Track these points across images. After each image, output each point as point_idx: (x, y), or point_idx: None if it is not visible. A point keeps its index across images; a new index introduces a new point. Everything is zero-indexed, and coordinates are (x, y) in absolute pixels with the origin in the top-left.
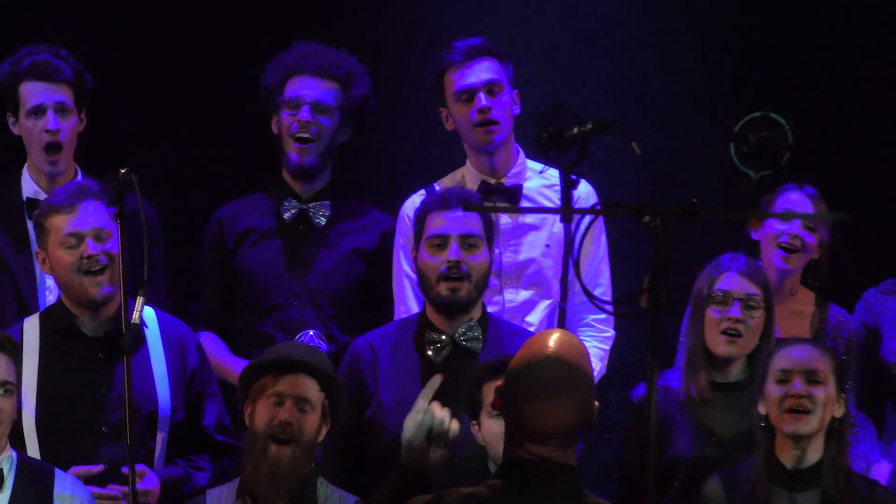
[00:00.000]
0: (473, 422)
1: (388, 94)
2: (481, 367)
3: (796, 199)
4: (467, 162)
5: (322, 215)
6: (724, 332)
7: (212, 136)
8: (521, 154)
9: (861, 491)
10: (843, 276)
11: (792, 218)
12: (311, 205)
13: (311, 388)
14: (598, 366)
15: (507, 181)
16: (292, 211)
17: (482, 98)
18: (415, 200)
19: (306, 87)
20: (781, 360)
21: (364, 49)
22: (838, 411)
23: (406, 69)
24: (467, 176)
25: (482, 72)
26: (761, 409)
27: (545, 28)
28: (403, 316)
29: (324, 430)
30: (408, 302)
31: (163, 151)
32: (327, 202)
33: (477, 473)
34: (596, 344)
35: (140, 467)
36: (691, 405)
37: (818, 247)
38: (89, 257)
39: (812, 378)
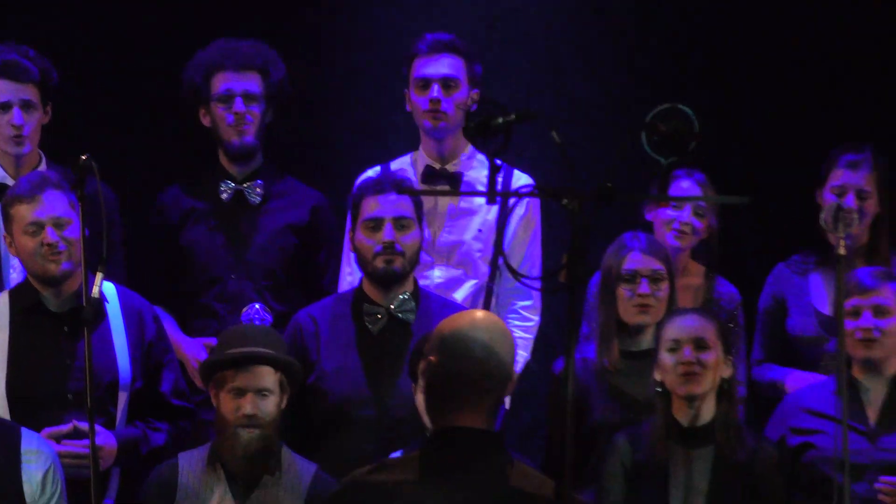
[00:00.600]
0: (414, 385)
1: (348, 79)
2: (424, 342)
3: (687, 188)
4: (420, 145)
5: (256, 194)
6: (635, 306)
7: (164, 126)
8: (471, 146)
9: (748, 443)
10: (740, 252)
11: (684, 204)
12: (245, 185)
13: (268, 376)
14: (522, 355)
15: (452, 168)
16: (229, 192)
17: (435, 90)
18: (369, 176)
19: (233, 82)
20: (672, 330)
21: (318, 37)
22: (726, 372)
23: (363, 58)
24: (418, 159)
25: (442, 66)
26: (657, 376)
27: (473, 29)
28: (348, 281)
29: (285, 399)
30: (353, 265)
31: (120, 140)
32: (260, 181)
33: (415, 432)
34: (521, 334)
35: (97, 427)
36: (608, 375)
37: (707, 229)
38: (49, 245)
39: (700, 345)
